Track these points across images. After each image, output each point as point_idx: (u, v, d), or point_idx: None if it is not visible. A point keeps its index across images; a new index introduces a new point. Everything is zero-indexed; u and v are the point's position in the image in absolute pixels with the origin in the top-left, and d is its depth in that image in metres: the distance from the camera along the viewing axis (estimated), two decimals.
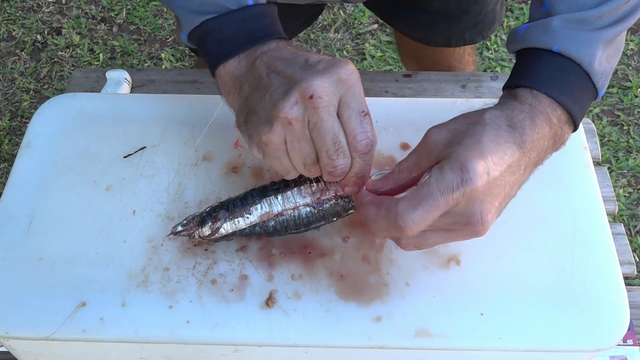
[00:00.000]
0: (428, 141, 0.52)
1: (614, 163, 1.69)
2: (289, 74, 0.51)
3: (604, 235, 0.61)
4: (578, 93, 0.54)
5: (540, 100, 0.53)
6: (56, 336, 0.55)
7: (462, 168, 0.47)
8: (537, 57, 0.55)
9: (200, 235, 0.58)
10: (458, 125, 0.51)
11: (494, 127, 0.50)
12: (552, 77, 0.54)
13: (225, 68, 0.57)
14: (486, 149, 0.48)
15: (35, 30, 2.03)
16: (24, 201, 0.64)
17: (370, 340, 0.55)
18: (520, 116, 0.52)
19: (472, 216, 0.48)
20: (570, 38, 0.54)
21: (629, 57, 1.92)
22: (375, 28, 2.01)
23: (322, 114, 0.50)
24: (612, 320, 0.56)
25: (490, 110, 0.52)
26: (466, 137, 0.49)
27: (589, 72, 0.55)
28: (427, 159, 0.51)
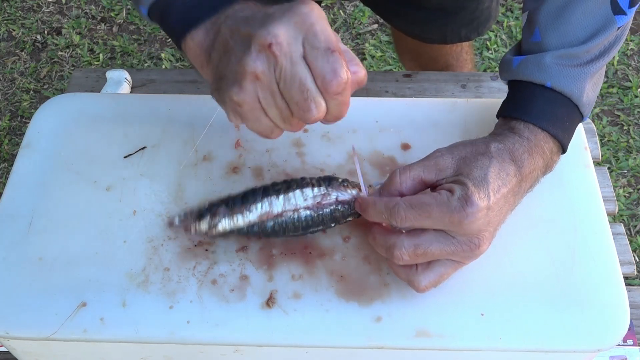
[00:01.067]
0: (438, 161, 0.55)
1: (614, 163, 1.69)
2: (248, 31, 0.49)
3: (604, 235, 0.61)
4: (568, 123, 0.60)
5: (536, 134, 0.58)
6: (56, 336, 0.55)
7: (467, 200, 0.51)
8: (531, 91, 0.60)
9: (197, 230, 0.58)
10: (467, 153, 0.55)
11: (499, 160, 0.55)
12: (545, 111, 0.59)
13: (194, 40, 0.54)
14: (490, 186, 0.53)
15: (35, 30, 2.03)
16: (24, 201, 0.64)
17: (371, 341, 0.55)
18: (520, 150, 0.56)
19: (470, 241, 0.53)
20: (562, 75, 0.59)
21: (629, 57, 1.93)
22: (375, 28, 2.01)
23: (283, 62, 0.48)
24: (612, 320, 0.56)
25: (494, 142, 0.56)
26: (475, 169, 0.54)
27: (578, 104, 0.60)
28: (433, 176, 0.55)
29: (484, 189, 0.52)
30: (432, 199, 0.52)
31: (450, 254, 0.53)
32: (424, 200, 0.52)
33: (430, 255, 0.53)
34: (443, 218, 0.51)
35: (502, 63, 0.65)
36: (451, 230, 0.52)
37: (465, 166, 0.54)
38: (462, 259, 0.54)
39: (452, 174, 0.55)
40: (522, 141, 0.57)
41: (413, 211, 0.52)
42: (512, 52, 0.65)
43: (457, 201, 0.51)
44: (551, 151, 0.59)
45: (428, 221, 0.52)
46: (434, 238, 0.53)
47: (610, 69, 1.89)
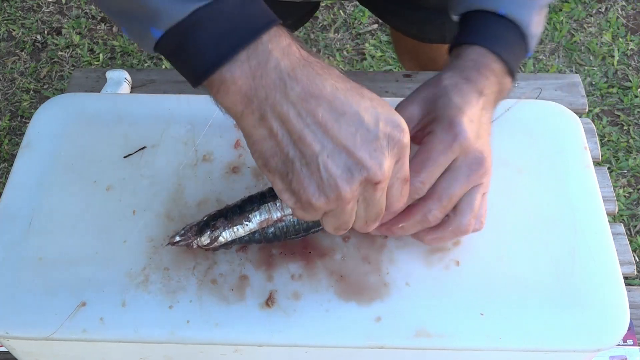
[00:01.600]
0: (404, 114, 0.55)
1: (614, 163, 1.69)
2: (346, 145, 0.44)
3: (604, 235, 0.61)
4: (517, 51, 0.61)
5: (485, 55, 0.59)
6: (56, 336, 0.55)
7: (452, 126, 0.54)
8: (482, 18, 0.61)
9: (199, 244, 0.58)
10: (424, 94, 0.58)
11: (453, 84, 0.57)
12: (496, 36, 0.60)
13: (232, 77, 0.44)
14: (459, 104, 0.55)
15: (35, 30, 2.03)
16: (24, 201, 0.64)
17: (370, 340, 0.55)
18: (468, 70, 0.59)
19: (477, 158, 0.55)
20: (514, 3, 0.60)
21: (629, 57, 1.93)
22: (375, 28, 2.01)
23: (378, 195, 0.47)
24: (612, 320, 0.56)
25: (443, 73, 0.59)
26: (439, 101, 0.56)
27: (526, 33, 0.61)
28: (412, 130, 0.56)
29: (456, 108, 0.55)
30: (425, 152, 0.54)
31: (467, 182, 0.55)
32: (421, 158, 0.54)
33: (454, 196, 0.55)
34: (445, 154, 0.54)
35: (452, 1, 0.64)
36: (456, 160, 0.54)
37: (428, 104, 0.57)
38: (479, 178, 0.55)
39: (421, 116, 0.57)
40: (468, 63, 0.59)
41: (423, 174, 0.53)
42: None
43: (443, 133, 0.54)
44: (501, 70, 0.59)
45: (439, 169, 0.54)
46: (448, 182, 0.55)
47: (610, 69, 1.89)
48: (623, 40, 1.96)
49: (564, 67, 1.91)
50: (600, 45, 1.95)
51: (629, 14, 2.04)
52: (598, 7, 2.05)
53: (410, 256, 0.60)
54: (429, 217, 0.55)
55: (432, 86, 0.58)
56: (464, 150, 0.54)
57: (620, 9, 2.05)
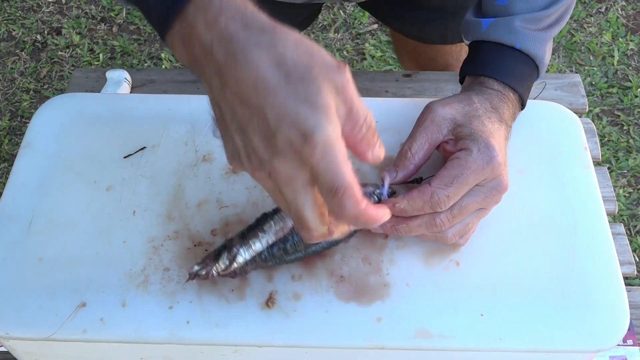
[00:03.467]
0: (435, 117, 0.59)
1: (614, 163, 1.69)
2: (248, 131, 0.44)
3: (604, 235, 0.61)
4: (529, 82, 0.66)
5: (504, 87, 0.64)
6: (56, 337, 0.55)
7: (487, 147, 0.56)
8: (501, 51, 0.65)
9: (218, 270, 0.55)
10: (457, 104, 0.60)
11: (484, 109, 0.60)
12: (513, 70, 0.64)
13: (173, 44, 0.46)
14: (491, 130, 0.58)
15: (35, 30, 2.03)
16: (24, 201, 0.64)
17: (371, 341, 0.55)
18: (496, 100, 0.62)
19: (500, 184, 0.57)
20: (529, 37, 0.64)
21: (629, 57, 1.93)
22: (375, 28, 2.01)
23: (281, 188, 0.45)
24: (612, 321, 0.56)
25: (473, 95, 0.62)
26: (474, 121, 0.59)
27: (539, 65, 0.66)
28: (438, 133, 0.59)
29: (489, 133, 0.58)
30: (459, 167, 0.55)
31: (481, 203, 0.57)
32: (453, 172, 0.55)
33: (465, 211, 0.56)
34: (477, 176, 0.55)
35: (466, 25, 0.69)
36: (482, 181, 0.56)
37: (462, 116, 0.59)
38: (490, 204, 0.58)
39: (450, 128, 0.59)
40: (494, 93, 0.63)
41: (451, 188, 0.55)
42: (474, 13, 0.69)
43: (479, 153, 0.56)
44: (516, 103, 0.65)
45: (466, 187, 0.55)
46: (466, 196, 0.56)
47: (610, 69, 1.89)
48: (623, 40, 1.96)
49: (564, 67, 1.91)
50: (600, 45, 1.95)
51: (629, 14, 2.04)
52: (598, 7, 2.05)
53: (411, 257, 0.60)
54: (436, 221, 0.56)
55: (466, 103, 0.61)
56: (494, 174, 0.56)
57: (620, 9, 2.05)
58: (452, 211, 0.56)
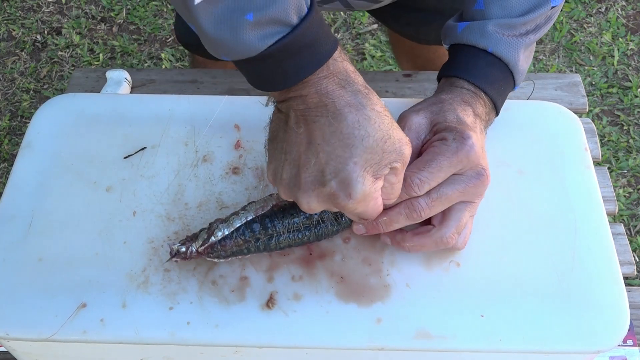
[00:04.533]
0: (412, 123, 0.60)
1: (614, 163, 1.69)
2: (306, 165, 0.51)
3: (604, 235, 0.61)
4: (503, 87, 0.66)
5: (475, 89, 0.64)
6: (56, 337, 0.55)
7: (463, 136, 0.57)
8: (474, 54, 0.65)
9: (197, 247, 0.56)
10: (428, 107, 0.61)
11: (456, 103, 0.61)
12: (485, 73, 0.64)
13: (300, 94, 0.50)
14: (467, 121, 0.59)
15: (35, 30, 2.03)
16: (24, 201, 0.64)
17: (371, 342, 0.55)
18: (467, 97, 0.63)
19: (479, 174, 0.57)
20: (502, 42, 0.64)
21: (629, 57, 1.93)
22: (375, 28, 2.01)
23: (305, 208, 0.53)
24: (612, 321, 0.56)
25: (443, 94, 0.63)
26: (448, 114, 0.60)
27: (513, 70, 0.66)
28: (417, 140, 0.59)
29: (465, 124, 0.58)
30: (433, 154, 0.56)
31: (462, 193, 0.57)
32: (427, 159, 0.56)
33: (445, 199, 0.56)
34: (452, 162, 0.56)
35: (445, 29, 0.70)
36: (460, 169, 0.56)
37: (436, 115, 0.60)
38: (473, 195, 0.58)
39: (427, 130, 0.60)
40: (464, 92, 0.63)
41: (424, 172, 0.55)
42: (455, 19, 0.70)
43: (455, 142, 0.56)
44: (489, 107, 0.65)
45: (441, 174, 0.56)
46: (444, 184, 0.56)
47: (610, 69, 1.89)
48: (623, 40, 1.96)
49: (564, 67, 1.91)
50: (600, 45, 1.95)
51: (629, 14, 2.04)
52: (598, 7, 2.05)
53: (411, 258, 0.60)
54: (415, 206, 0.56)
55: (436, 102, 0.61)
56: (470, 162, 0.56)
57: (620, 9, 2.05)
58: (430, 196, 0.56)
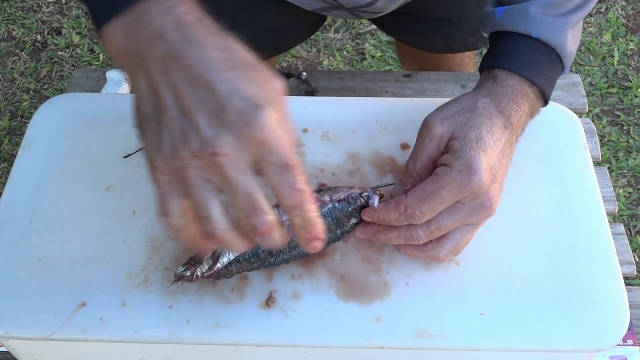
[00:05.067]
0: (433, 135, 0.57)
1: (614, 163, 1.69)
2: (189, 108, 0.43)
3: (604, 235, 0.61)
4: (550, 73, 0.62)
5: (519, 81, 0.60)
6: (56, 336, 0.55)
7: (470, 170, 0.53)
8: (516, 41, 0.61)
9: (202, 271, 0.55)
10: (456, 115, 0.57)
11: (488, 116, 0.57)
12: (530, 61, 0.60)
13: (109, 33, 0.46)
14: (487, 145, 0.54)
15: (35, 30, 2.03)
16: (24, 201, 0.64)
17: (370, 341, 0.55)
18: (505, 100, 0.58)
19: (482, 204, 0.54)
20: (546, 24, 0.60)
21: (629, 57, 1.93)
22: (375, 28, 2.01)
23: (226, 172, 0.43)
24: (612, 320, 0.56)
25: (480, 97, 0.58)
26: (470, 131, 0.55)
27: (561, 54, 0.61)
28: (437, 151, 0.57)
29: (482, 149, 0.54)
30: (436, 185, 0.53)
31: (464, 221, 0.55)
32: (428, 189, 0.54)
33: (445, 228, 0.55)
34: (454, 195, 0.53)
35: (484, 15, 0.65)
36: (462, 199, 0.54)
37: (459, 128, 0.56)
38: (477, 220, 0.56)
39: (449, 139, 0.56)
40: (506, 90, 0.59)
41: (425, 204, 0.53)
42: (492, 3, 0.65)
43: (460, 175, 0.53)
44: (536, 97, 0.61)
45: (442, 205, 0.54)
46: (444, 214, 0.54)
47: (610, 69, 1.89)
48: (623, 40, 1.96)
49: None
50: (600, 45, 1.95)
51: (629, 14, 2.04)
52: (598, 7, 2.05)
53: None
54: (413, 234, 0.55)
55: (467, 110, 0.57)
56: (473, 195, 0.54)
57: (620, 9, 2.05)
58: (429, 227, 0.54)
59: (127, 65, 0.47)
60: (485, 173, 0.53)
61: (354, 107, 0.71)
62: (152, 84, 0.45)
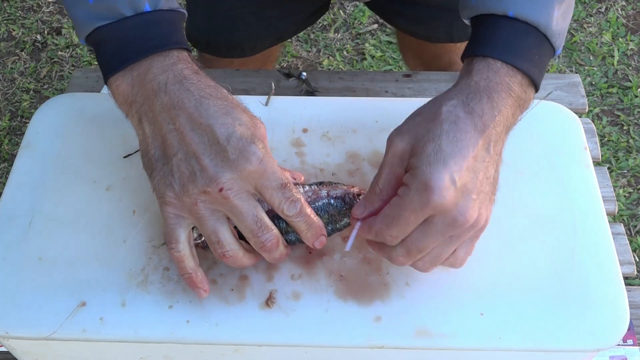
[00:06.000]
0: (395, 151, 0.53)
1: (614, 163, 1.69)
2: (195, 151, 0.51)
3: (604, 235, 0.61)
4: (537, 56, 0.55)
5: (497, 70, 0.54)
6: (56, 336, 0.55)
7: (426, 189, 0.49)
8: (492, 24, 0.55)
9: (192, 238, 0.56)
10: (417, 126, 0.53)
11: (451, 121, 0.51)
12: (509, 44, 0.54)
13: (117, 84, 0.55)
14: (448, 155, 0.50)
15: (35, 30, 2.03)
16: (24, 201, 0.64)
17: (370, 341, 0.55)
18: (476, 98, 0.53)
19: (454, 219, 0.50)
20: (526, 1, 0.53)
21: (629, 57, 1.93)
22: (375, 28, 2.01)
23: (232, 202, 0.51)
24: (612, 320, 0.56)
25: (445, 101, 0.53)
26: (428, 144, 0.50)
27: (547, 33, 0.55)
28: (400, 167, 0.53)
29: (441, 162, 0.49)
30: (397, 208, 0.51)
31: (443, 236, 0.51)
32: (392, 213, 0.51)
33: (424, 249, 0.52)
34: (418, 216, 0.50)
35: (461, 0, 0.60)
36: (433, 216, 0.50)
37: (418, 143, 0.51)
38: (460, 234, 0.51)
39: (409, 155, 0.52)
40: (479, 86, 0.53)
41: (393, 229, 0.51)
42: None
43: (417, 194, 0.49)
44: (521, 84, 0.55)
45: (410, 227, 0.51)
46: (420, 234, 0.51)
47: (610, 69, 1.89)
48: (623, 40, 1.96)
49: (564, 67, 1.91)
50: (600, 45, 1.95)
51: (629, 14, 2.04)
52: (598, 7, 2.06)
53: None
54: (392, 255, 0.53)
55: (429, 119, 0.53)
56: (440, 212, 0.50)
57: (620, 9, 2.05)
58: (409, 251, 0.52)
59: (134, 113, 0.55)
60: (447, 188, 0.48)
61: (354, 107, 0.71)
62: (159, 131, 0.53)
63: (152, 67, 0.54)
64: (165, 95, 0.52)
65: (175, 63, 0.54)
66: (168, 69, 0.54)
